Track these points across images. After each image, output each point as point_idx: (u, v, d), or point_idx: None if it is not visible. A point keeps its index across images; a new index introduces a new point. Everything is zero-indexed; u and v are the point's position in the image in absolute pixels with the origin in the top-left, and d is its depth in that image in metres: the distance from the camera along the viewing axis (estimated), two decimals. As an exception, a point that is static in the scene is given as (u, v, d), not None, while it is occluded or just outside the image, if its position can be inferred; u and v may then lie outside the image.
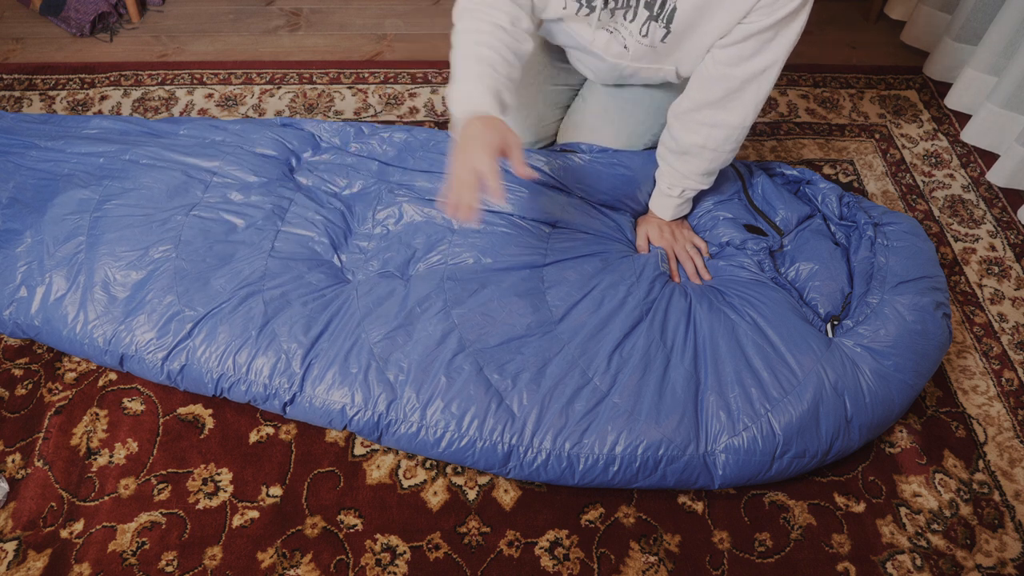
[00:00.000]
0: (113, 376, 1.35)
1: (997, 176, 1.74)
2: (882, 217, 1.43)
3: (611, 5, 1.22)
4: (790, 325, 1.27)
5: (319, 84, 1.92)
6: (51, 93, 1.86)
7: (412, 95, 1.90)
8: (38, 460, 1.25)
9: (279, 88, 1.90)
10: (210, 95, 1.88)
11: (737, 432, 1.18)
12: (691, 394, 1.22)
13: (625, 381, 1.22)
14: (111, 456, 1.26)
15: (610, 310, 1.30)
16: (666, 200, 1.43)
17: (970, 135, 1.83)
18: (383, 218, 1.43)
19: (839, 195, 1.49)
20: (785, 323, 1.27)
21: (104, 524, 1.19)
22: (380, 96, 1.90)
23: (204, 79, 1.91)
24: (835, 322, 1.31)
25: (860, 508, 1.25)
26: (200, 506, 1.21)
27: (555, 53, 1.49)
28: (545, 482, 1.22)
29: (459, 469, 1.26)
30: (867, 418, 1.22)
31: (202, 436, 1.29)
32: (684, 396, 1.21)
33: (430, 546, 1.19)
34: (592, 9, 1.23)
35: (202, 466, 1.26)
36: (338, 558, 1.17)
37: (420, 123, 1.84)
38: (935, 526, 1.23)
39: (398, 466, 1.26)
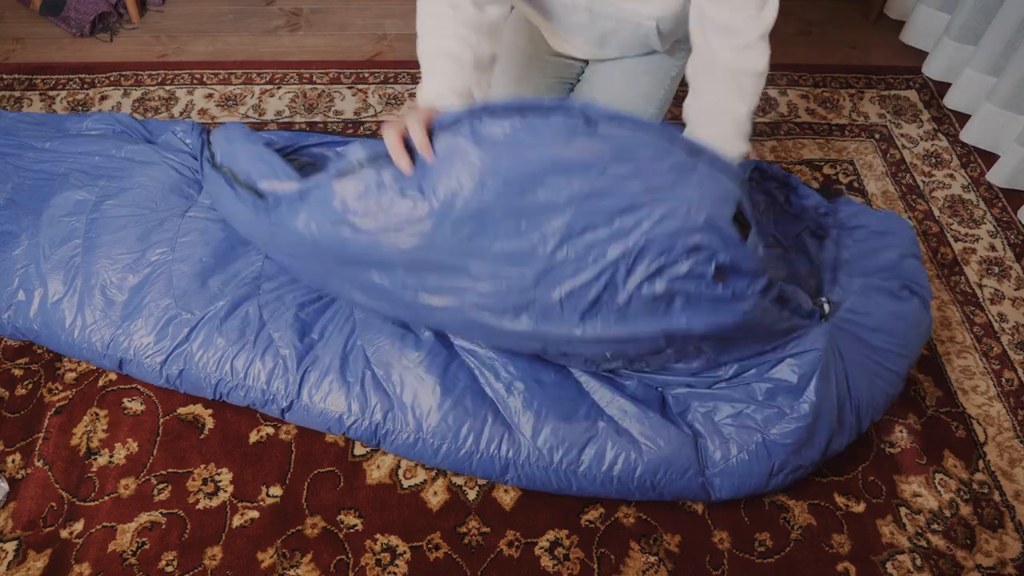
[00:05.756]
0: (113, 376, 1.35)
1: (997, 176, 1.74)
2: (852, 220, 1.43)
3: None
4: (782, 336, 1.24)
5: (319, 84, 1.92)
6: (51, 93, 1.86)
7: (412, 95, 1.90)
8: (38, 460, 1.25)
9: (279, 88, 1.90)
10: (210, 95, 1.88)
11: (734, 455, 1.18)
12: (688, 417, 1.21)
13: (622, 402, 1.21)
14: (111, 456, 1.26)
15: None
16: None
17: (970, 135, 1.83)
18: None
19: (815, 205, 1.48)
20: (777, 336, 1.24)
21: (104, 524, 1.19)
22: (380, 96, 1.90)
23: (204, 79, 1.91)
24: (827, 301, 1.26)
25: (860, 508, 1.25)
26: (200, 506, 1.21)
27: (545, 47, 1.49)
28: (544, 491, 1.22)
29: (459, 469, 1.26)
30: (855, 414, 1.21)
31: (202, 436, 1.29)
32: (682, 419, 1.21)
33: (430, 546, 1.19)
34: None
35: (202, 466, 1.25)
36: (338, 558, 1.17)
37: (420, 123, 1.84)
38: (935, 526, 1.23)
39: (398, 466, 1.26)
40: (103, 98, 1.85)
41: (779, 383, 1.19)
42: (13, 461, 1.25)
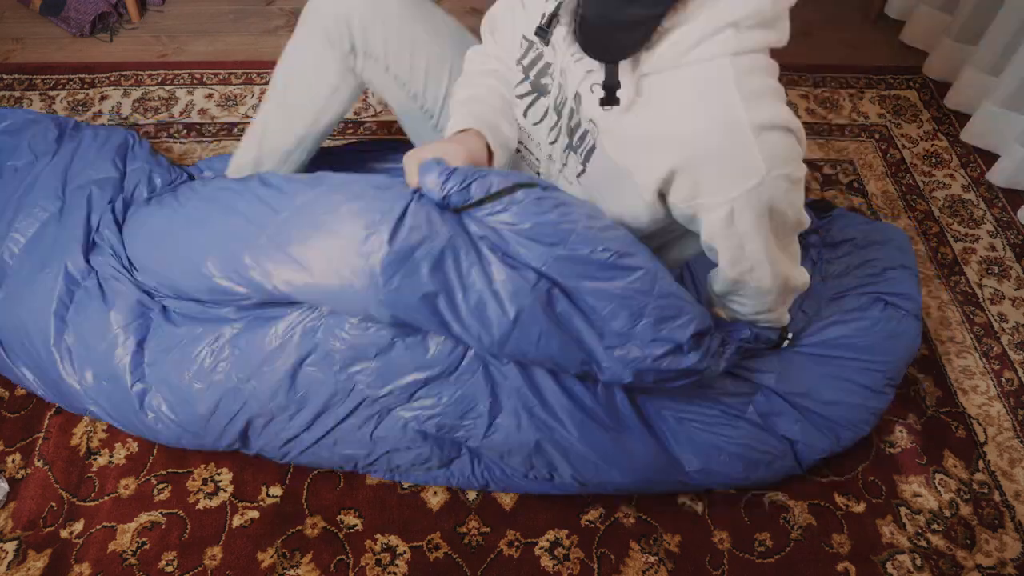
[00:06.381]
0: (113, 376, 1.35)
1: (997, 176, 1.74)
2: (840, 235, 1.43)
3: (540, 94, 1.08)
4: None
5: (319, 84, 1.91)
6: (51, 93, 1.85)
7: (412, 95, 1.90)
8: (38, 460, 1.25)
9: (279, 88, 1.90)
10: (210, 95, 1.88)
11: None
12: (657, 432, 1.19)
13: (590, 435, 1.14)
14: (111, 456, 1.26)
15: None
16: None
17: (969, 135, 1.83)
18: None
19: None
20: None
21: (104, 524, 1.19)
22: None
23: (204, 79, 1.91)
24: (787, 336, 1.22)
25: (860, 508, 1.25)
26: (200, 506, 1.21)
27: None
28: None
29: (459, 469, 1.26)
30: (829, 427, 1.23)
31: (202, 436, 1.29)
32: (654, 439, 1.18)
33: (430, 546, 1.19)
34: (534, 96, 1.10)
35: (202, 466, 1.25)
36: (338, 558, 1.17)
37: (420, 123, 1.83)
38: (935, 526, 1.23)
39: (398, 466, 1.27)
40: (103, 98, 1.85)
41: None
42: (13, 461, 1.25)
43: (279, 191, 1.13)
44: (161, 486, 1.23)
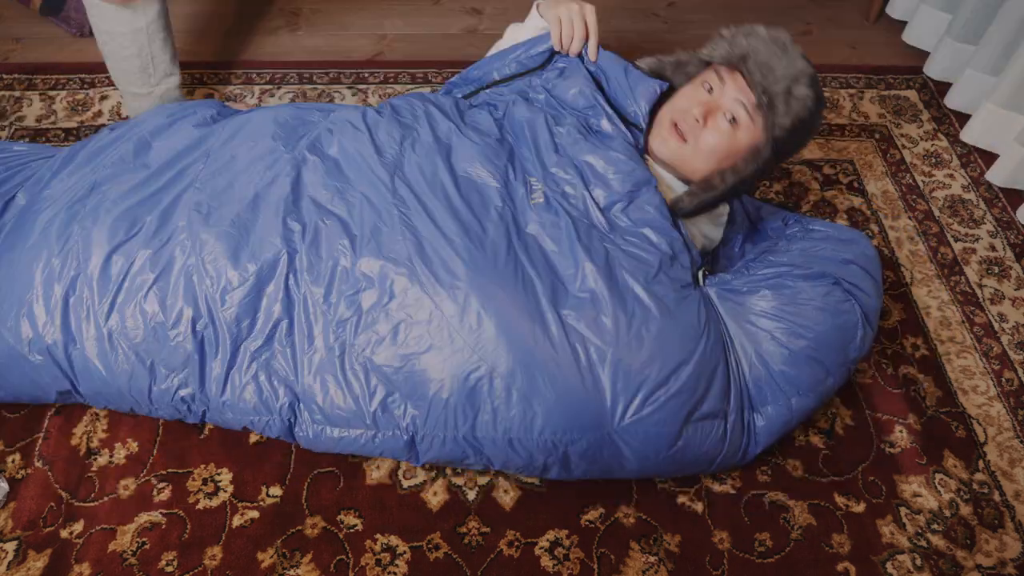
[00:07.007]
0: (113, 376, 1.35)
1: (997, 176, 1.74)
2: (817, 231, 1.35)
3: None
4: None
5: (319, 84, 1.92)
6: (51, 93, 1.86)
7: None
8: (38, 460, 1.25)
9: (279, 88, 1.90)
10: (210, 95, 1.88)
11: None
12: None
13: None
14: (111, 456, 1.26)
15: None
16: None
17: (969, 135, 1.82)
18: None
19: (783, 219, 1.43)
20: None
21: (104, 524, 1.19)
22: (380, 96, 1.90)
23: (204, 79, 1.91)
24: (706, 271, 1.22)
25: (860, 508, 1.25)
26: (200, 506, 1.21)
27: None
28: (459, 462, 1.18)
29: (458, 470, 1.26)
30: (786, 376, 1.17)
31: (202, 436, 1.29)
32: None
33: (430, 546, 1.19)
34: None
35: (202, 466, 1.26)
36: (338, 558, 1.17)
37: (420, 123, 1.83)
38: (935, 526, 1.24)
39: (398, 466, 1.27)
40: (103, 98, 1.85)
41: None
42: (13, 461, 1.25)
43: None
44: (161, 486, 1.23)
